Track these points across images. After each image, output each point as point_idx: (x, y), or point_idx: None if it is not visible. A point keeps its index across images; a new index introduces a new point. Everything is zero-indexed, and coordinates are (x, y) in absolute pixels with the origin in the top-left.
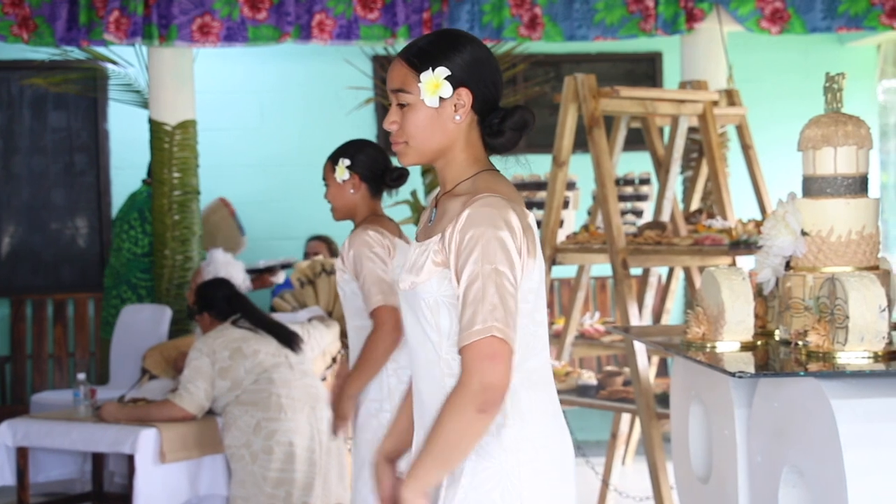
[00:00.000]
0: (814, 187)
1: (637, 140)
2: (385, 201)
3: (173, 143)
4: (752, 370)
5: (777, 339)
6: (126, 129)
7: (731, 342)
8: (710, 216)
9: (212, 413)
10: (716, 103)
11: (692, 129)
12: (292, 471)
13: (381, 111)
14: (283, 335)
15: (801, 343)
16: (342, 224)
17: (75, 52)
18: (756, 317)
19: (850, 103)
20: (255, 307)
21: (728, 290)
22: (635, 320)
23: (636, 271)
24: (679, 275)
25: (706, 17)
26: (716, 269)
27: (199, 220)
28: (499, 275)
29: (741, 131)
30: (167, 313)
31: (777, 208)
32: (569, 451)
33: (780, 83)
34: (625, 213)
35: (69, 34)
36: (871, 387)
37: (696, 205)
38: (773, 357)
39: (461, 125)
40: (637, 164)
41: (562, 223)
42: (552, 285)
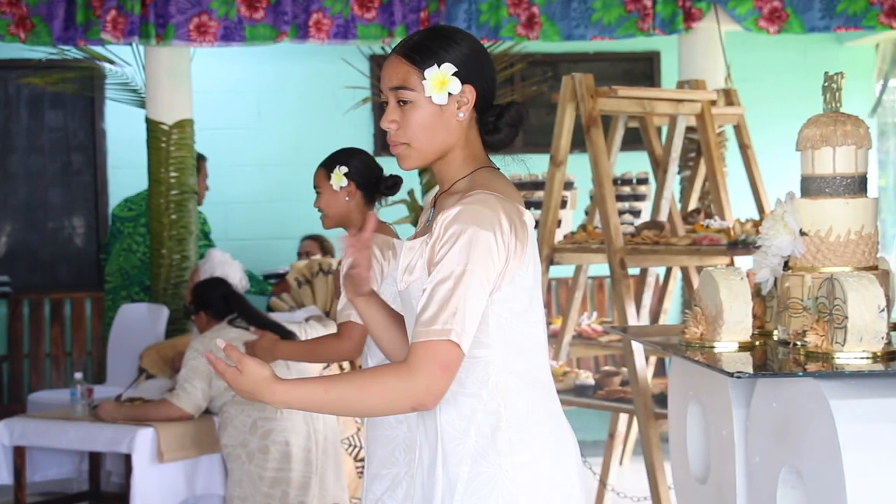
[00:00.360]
0: (812, 187)
1: (635, 140)
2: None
3: (170, 142)
4: (750, 370)
5: (775, 339)
6: (123, 129)
7: (730, 342)
8: (708, 216)
9: (209, 412)
10: (714, 103)
11: (690, 129)
12: (289, 470)
13: (378, 111)
14: (280, 335)
15: (799, 343)
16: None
17: (72, 52)
18: (754, 317)
19: (849, 103)
20: (252, 307)
21: (726, 290)
22: (633, 320)
23: (634, 271)
24: (677, 275)
25: (704, 17)
26: (714, 269)
27: (196, 219)
28: (471, 277)
29: (739, 131)
30: (164, 313)
31: (775, 208)
32: (572, 454)
33: (779, 83)
34: (622, 212)
35: (66, 33)
36: (869, 387)
37: (694, 204)
38: (771, 357)
39: (462, 123)
40: (635, 163)
41: (559, 223)
42: (549, 285)
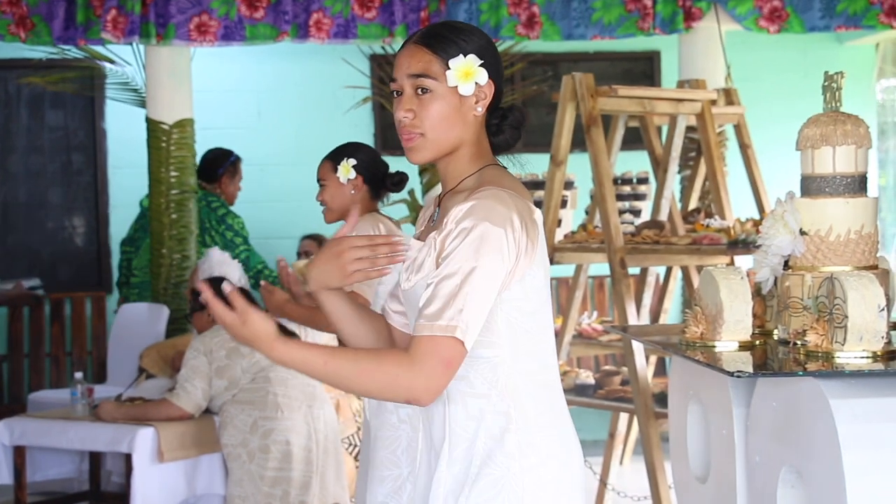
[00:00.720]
0: (812, 186)
1: (635, 139)
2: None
3: (170, 141)
4: (750, 370)
5: (775, 338)
6: (123, 128)
7: (730, 342)
8: (709, 215)
9: (209, 412)
10: (714, 102)
11: (690, 129)
12: (289, 470)
13: (378, 110)
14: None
15: (799, 343)
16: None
17: (72, 51)
18: (754, 316)
19: (849, 102)
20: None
21: (726, 289)
22: (633, 319)
23: (634, 270)
24: (677, 274)
25: (704, 16)
26: (714, 268)
27: (196, 219)
28: (480, 274)
29: (739, 130)
30: (164, 312)
31: (775, 207)
32: (577, 458)
33: (779, 82)
34: (623, 212)
35: (66, 33)
36: (869, 386)
37: (694, 204)
38: (771, 357)
39: (478, 119)
40: (635, 163)
41: (560, 222)
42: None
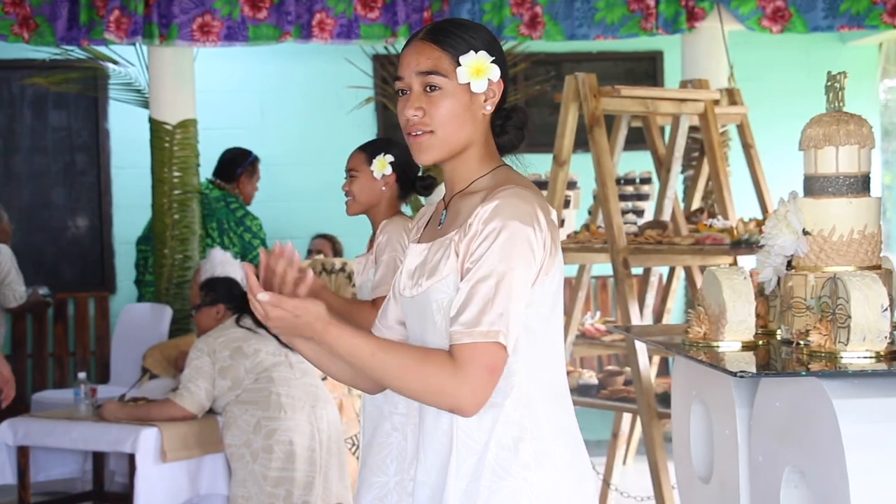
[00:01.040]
0: (815, 186)
1: (638, 139)
2: None
3: (174, 142)
4: (753, 370)
5: (779, 338)
6: (126, 129)
7: (733, 342)
8: (712, 215)
9: (212, 412)
10: (717, 102)
11: (693, 129)
12: (292, 470)
13: (381, 110)
14: None
15: (802, 343)
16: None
17: (76, 52)
18: (757, 316)
19: (852, 102)
20: None
21: (729, 289)
22: (636, 320)
23: (637, 271)
24: (680, 274)
25: (707, 16)
26: (717, 268)
27: (199, 219)
28: (514, 276)
29: (742, 130)
30: (168, 312)
31: (778, 207)
32: (590, 468)
33: (782, 82)
34: (626, 212)
35: (70, 33)
36: (873, 387)
37: (697, 204)
38: (774, 357)
39: (486, 118)
40: (638, 163)
41: (563, 222)
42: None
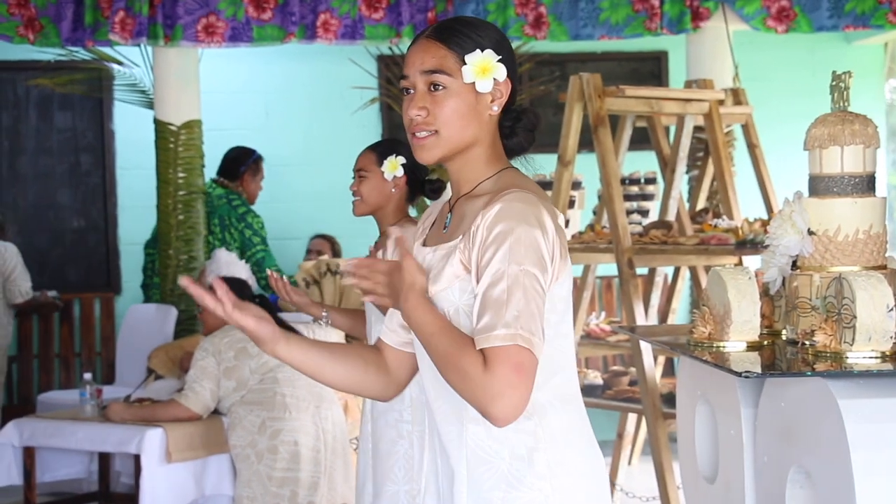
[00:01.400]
0: (820, 186)
1: (643, 139)
2: None
3: (178, 142)
4: (758, 370)
5: (784, 338)
6: (131, 130)
7: (738, 342)
8: (717, 215)
9: (217, 413)
10: (722, 102)
11: (698, 129)
12: (297, 470)
13: (386, 111)
14: None
15: (807, 343)
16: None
17: (81, 53)
18: (762, 316)
19: (857, 102)
20: (272, 306)
21: (734, 289)
22: (641, 320)
23: (642, 271)
24: (685, 274)
25: (712, 16)
26: (722, 268)
27: (203, 219)
28: (527, 277)
29: (747, 130)
30: (173, 313)
31: (783, 207)
32: (605, 475)
33: (787, 82)
34: (630, 212)
35: (74, 35)
36: (878, 387)
37: (702, 204)
38: (779, 357)
39: (493, 119)
40: (643, 163)
41: (567, 223)
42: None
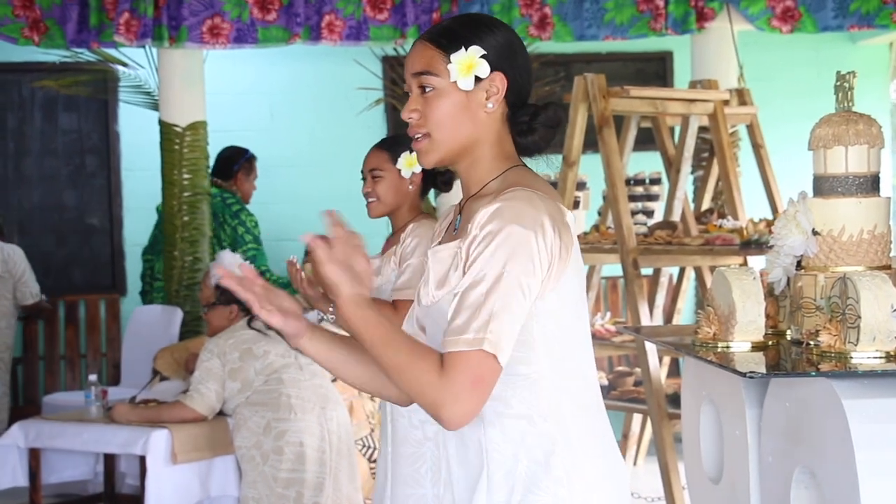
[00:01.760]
0: (825, 186)
1: (647, 140)
2: None
3: (183, 144)
4: (763, 370)
5: (788, 339)
6: (136, 131)
7: (742, 342)
8: (721, 216)
9: (222, 414)
10: (726, 102)
11: (703, 129)
12: (303, 471)
13: (391, 111)
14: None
15: (812, 343)
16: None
17: (86, 54)
18: (767, 317)
19: (862, 102)
20: None
21: (739, 289)
22: (646, 320)
23: (647, 271)
24: (690, 275)
25: (716, 17)
26: (726, 268)
27: (209, 221)
28: (508, 280)
29: (752, 130)
30: (178, 314)
31: (788, 208)
32: (625, 480)
33: (792, 82)
34: (635, 212)
35: (80, 36)
36: (883, 387)
37: (706, 204)
38: (784, 357)
39: (492, 116)
40: (647, 163)
41: None
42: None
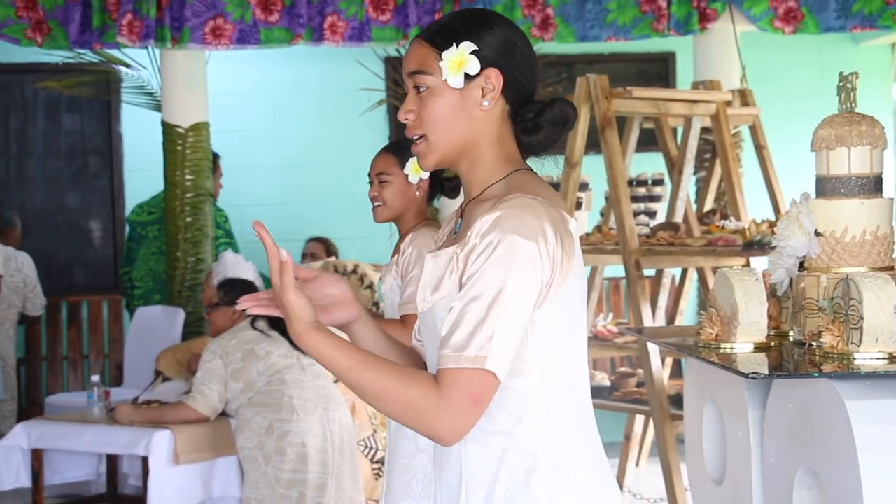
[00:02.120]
0: (827, 187)
1: (650, 140)
2: None
3: (186, 145)
4: (765, 371)
5: (791, 340)
6: (139, 132)
7: (745, 343)
8: (724, 217)
9: (225, 415)
10: (729, 103)
11: (705, 130)
12: (305, 472)
13: (393, 112)
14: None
15: (815, 344)
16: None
17: (88, 55)
18: (770, 318)
19: (864, 103)
20: None
21: (741, 290)
22: (649, 321)
23: (649, 272)
24: (692, 276)
25: (719, 17)
26: (729, 269)
27: (211, 222)
28: (510, 295)
29: (754, 131)
30: (180, 315)
31: (790, 209)
32: (616, 498)
33: (794, 83)
34: (638, 213)
35: (82, 37)
36: (886, 388)
37: (709, 205)
38: (786, 358)
39: (490, 115)
40: (650, 164)
41: None
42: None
